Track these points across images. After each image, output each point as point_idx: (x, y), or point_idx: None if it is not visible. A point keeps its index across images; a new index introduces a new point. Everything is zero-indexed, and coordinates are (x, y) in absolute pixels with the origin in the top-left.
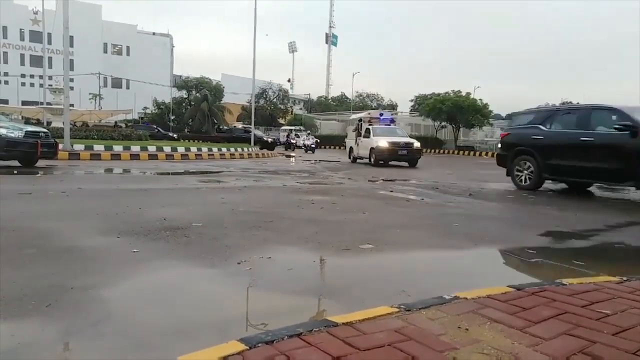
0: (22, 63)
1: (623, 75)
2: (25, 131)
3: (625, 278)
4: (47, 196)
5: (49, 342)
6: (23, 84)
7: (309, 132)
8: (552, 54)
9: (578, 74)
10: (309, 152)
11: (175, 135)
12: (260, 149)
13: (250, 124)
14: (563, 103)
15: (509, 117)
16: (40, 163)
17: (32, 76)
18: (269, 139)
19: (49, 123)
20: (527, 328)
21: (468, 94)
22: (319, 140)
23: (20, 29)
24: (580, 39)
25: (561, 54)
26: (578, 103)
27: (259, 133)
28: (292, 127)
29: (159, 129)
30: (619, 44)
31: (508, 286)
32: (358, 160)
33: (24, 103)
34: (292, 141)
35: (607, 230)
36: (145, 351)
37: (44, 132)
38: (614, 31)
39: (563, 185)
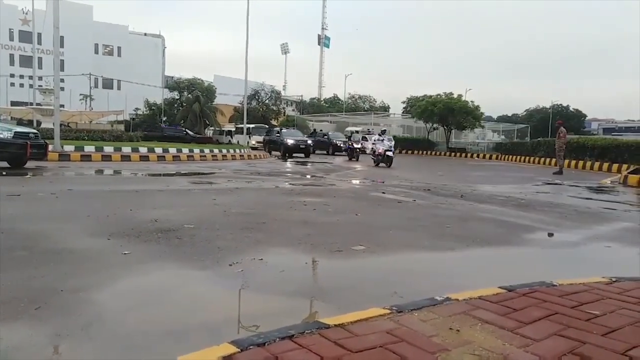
0: (12, 63)
1: (617, 76)
2: (14, 132)
3: (614, 279)
4: (36, 198)
5: (38, 345)
6: (12, 84)
7: (383, 129)
8: (545, 56)
9: (571, 76)
10: (381, 164)
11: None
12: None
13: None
14: (553, 106)
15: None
16: (30, 164)
17: (21, 76)
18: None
19: (39, 124)
20: (518, 329)
21: (460, 96)
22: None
23: (10, 29)
24: (574, 40)
25: (554, 56)
26: (569, 105)
27: (294, 134)
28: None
29: (187, 131)
30: (613, 45)
31: (499, 287)
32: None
33: (13, 103)
34: (359, 147)
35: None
36: (136, 353)
37: (34, 133)
38: (609, 33)
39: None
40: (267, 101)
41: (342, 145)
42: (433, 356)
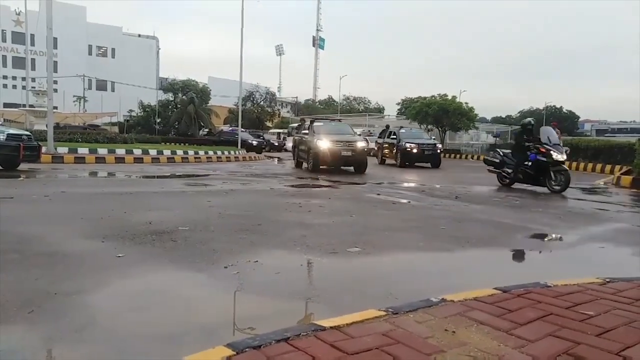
0: (4, 64)
1: (610, 78)
2: (7, 134)
3: (608, 279)
4: (30, 200)
5: (31, 349)
6: (5, 85)
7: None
8: (539, 58)
9: (565, 78)
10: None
11: (255, 143)
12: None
13: (238, 127)
14: (547, 107)
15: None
16: (23, 166)
17: (14, 78)
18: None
19: (32, 126)
20: (513, 330)
21: (454, 97)
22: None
23: (2, 30)
24: (568, 42)
25: (548, 58)
26: (562, 107)
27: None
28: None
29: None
30: (606, 47)
31: (494, 288)
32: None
33: (6, 105)
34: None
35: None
36: (130, 357)
37: (27, 135)
38: (602, 35)
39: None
40: (261, 103)
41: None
42: (429, 358)
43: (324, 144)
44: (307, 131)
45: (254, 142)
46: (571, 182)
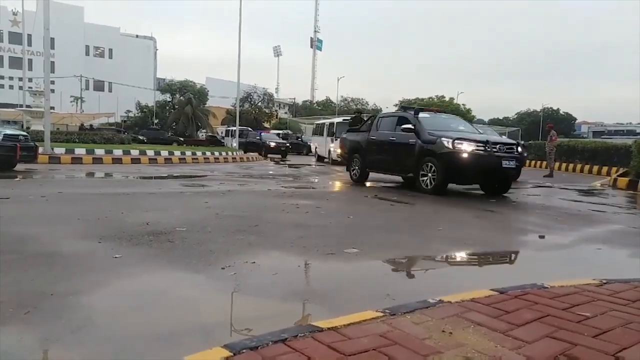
0: (1, 65)
1: (606, 80)
2: (4, 134)
3: (605, 280)
4: (26, 201)
5: (27, 350)
6: (2, 86)
7: None
8: (536, 60)
9: (562, 80)
10: None
11: (272, 145)
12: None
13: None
14: (544, 109)
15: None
16: (20, 167)
17: (11, 78)
18: None
19: (28, 126)
20: (510, 331)
21: (451, 99)
22: None
23: None
24: (567, 43)
25: (545, 60)
26: (559, 109)
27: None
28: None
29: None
30: (603, 49)
31: (491, 289)
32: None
33: (3, 105)
34: None
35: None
36: (128, 358)
37: (24, 135)
38: (599, 37)
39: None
40: (259, 104)
41: None
42: (426, 359)
43: (466, 147)
44: (409, 126)
45: (272, 144)
46: (567, 183)
